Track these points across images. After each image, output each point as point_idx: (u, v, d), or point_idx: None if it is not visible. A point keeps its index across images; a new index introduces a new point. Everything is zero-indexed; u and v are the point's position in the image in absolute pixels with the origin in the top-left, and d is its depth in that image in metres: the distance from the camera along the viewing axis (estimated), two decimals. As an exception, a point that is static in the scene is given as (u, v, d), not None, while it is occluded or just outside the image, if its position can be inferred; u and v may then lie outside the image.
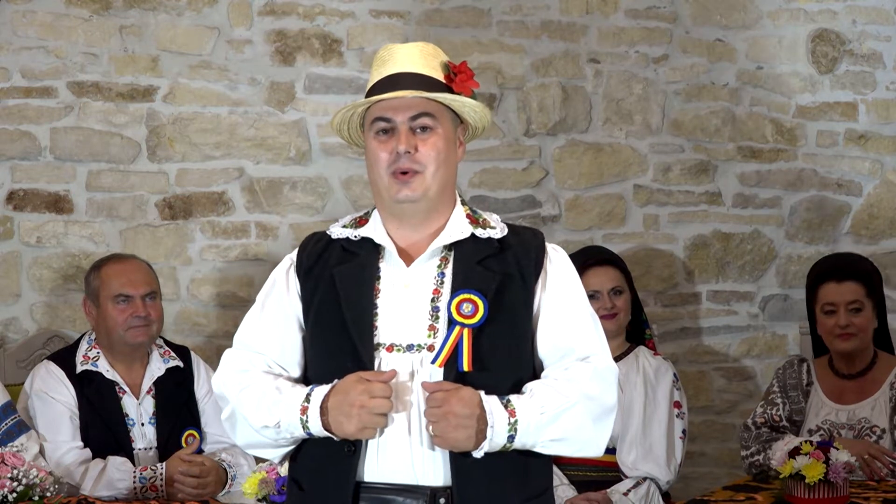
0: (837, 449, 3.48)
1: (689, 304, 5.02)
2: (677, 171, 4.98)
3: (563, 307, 2.62)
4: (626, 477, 4.00)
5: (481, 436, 2.46)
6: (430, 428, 2.46)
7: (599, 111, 4.94)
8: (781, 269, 5.07)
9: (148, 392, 3.94)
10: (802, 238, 5.07)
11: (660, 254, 4.94)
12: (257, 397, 2.55)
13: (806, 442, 3.55)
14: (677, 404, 4.08)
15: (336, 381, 2.50)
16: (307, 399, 2.51)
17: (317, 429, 2.50)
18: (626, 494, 3.94)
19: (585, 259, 4.21)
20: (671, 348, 4.89)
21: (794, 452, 3.50)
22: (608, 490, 3.96)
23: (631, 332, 4.24)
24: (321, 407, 2.48)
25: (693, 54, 4.98)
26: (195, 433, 3.92)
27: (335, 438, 2.50)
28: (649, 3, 4.95)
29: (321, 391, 2.51)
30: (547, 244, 2.67)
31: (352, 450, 2.50)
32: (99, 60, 4.64)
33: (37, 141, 4.61)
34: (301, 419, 2.50)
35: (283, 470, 3.34)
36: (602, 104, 4.93)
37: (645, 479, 3.98)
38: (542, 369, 2.62)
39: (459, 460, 2.49)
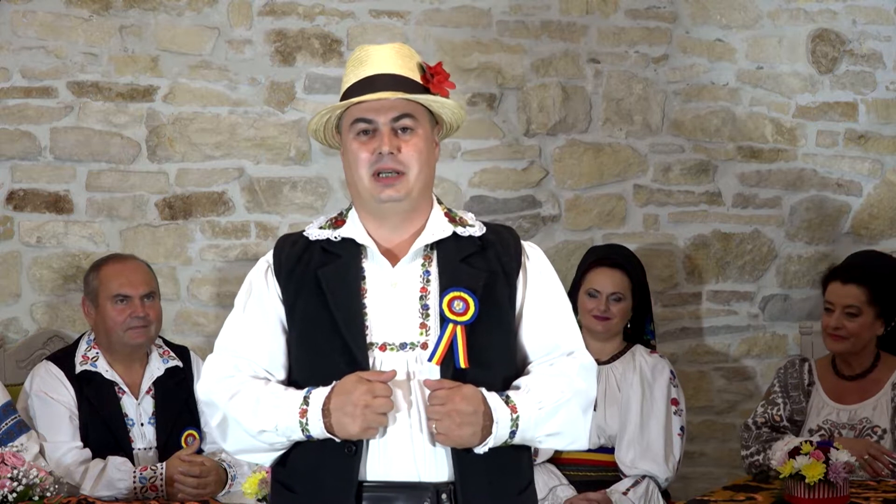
0: (837, 449, 3.49)
1: (689, 304, 5.01)
2: (677, 171, 4.98)
3: (547, 304, 2.67)
4: (625, 476, 4.00)
5: (486, 432, 2.49)
6: (434, 426, 2.47)
7: (599, 111, 4.93)
8: (781, 269, 5.06)
9: (147, 392, 3.94)
10: (802, 238, 5.06)
11: (660, 254, 4.94)
12: (251, 402, 2.54)
13: (806, 442, 3.55)
14: (674, 401, 4.09)
15: (335, 382, 2.49)
16: (305, 402, 2.50)
17: (318, 431, 2.49)
18: (625, 493, 3.94)
19: (597, 256, 4.22)
20: (671, 348, 4.89)
21: (794, 452, 3.50)
22: (607, 490, 3.96)
23: (631, 334, 4.24)
24: (322, 409, 2.48)
25: (693, 54, 4.98)
26: (195, 433, 3.92)
27: (336, 440, 2.49)
28: (649, 3, 4.95)
29: (320, 393, 2.50)
30: (522, 241, 2.71)
31: (352, 450, 2.50)
32: (99, 60, 4.64)
33: (37, 141, 4.61)
34: (300, 422, 2.49)
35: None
36: (602, 104, 4.93)
37: (644, 477, 3.98)
38: (524, 365, 2.66)
39: (461, 456, 2.51)
